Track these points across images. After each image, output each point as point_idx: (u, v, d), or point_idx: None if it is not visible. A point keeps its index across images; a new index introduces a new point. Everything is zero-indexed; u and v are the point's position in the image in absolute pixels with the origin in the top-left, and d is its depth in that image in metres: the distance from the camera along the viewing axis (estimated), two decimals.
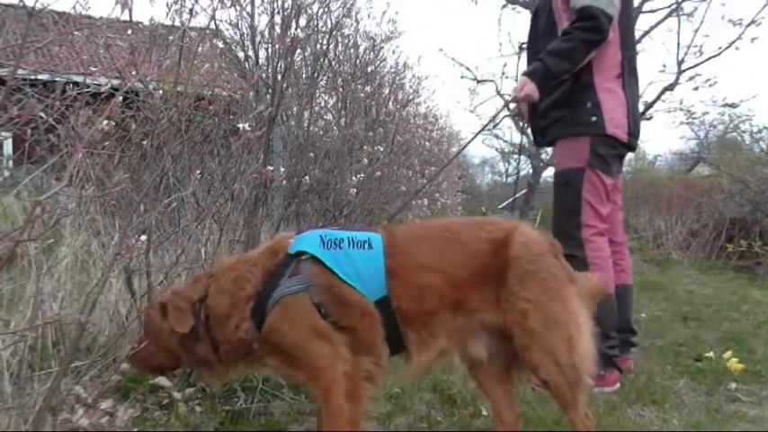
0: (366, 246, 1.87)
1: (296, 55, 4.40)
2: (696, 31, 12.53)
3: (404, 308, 1.85)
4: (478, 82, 16.83)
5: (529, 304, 1.85)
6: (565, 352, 1.84)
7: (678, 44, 12.76)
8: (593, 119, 2.94)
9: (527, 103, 3.05)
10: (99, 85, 2.39)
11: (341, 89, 5.33)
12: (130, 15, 2.02)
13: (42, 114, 1.95)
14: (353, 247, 1.87)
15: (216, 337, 1.88)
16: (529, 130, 3.87)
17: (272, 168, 3.69)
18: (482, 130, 4.31)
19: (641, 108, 10.72)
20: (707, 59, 12.72)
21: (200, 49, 2.98)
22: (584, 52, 2.85)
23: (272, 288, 1.83)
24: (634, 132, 3.04)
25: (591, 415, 1.93)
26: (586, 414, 1.91)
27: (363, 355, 1.83)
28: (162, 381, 2.39)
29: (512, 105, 3.22)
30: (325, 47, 4.85)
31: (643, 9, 13.61)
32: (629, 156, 3.37)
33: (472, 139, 8.23)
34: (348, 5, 5.19)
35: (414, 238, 1.95)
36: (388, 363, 1.90)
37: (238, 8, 4.60)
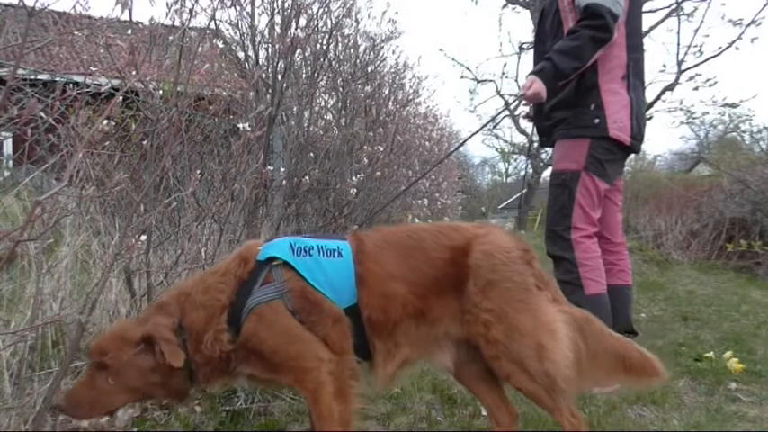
0: (336, 254, 1.86)
1: (296, 55, 4.40)
2: (696, 31, 12.59)
3: (373, 317, 1.83)
4: (478, 82, 16.86)
5: (491, 315, 1.81)
6: (534, 360, 1.80)
7: (678, 44, 12.81)
8: (596, 121, 2.94)
9: (534, 102, 3.05)
10: (99, 85, 2.39)
11: (341, 89, 5.33)
12: (130, 15, 2.02)
13: (42, 114, 1.95)
14: (323, 255, 1.86)
15: (194, 360, 1.79)
16: (528, 130, 3.88)
17: (272, 168, 3.70)
18: (481, 128, 4.34)
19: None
20: (707, 59, 12.77)
21: (200, 49, 2.98)
22: (591, 50, 2.84)
23: (246, 296, 1.80)
24: (637, 135, 3.03)
25: (578, 413, 1.89)
26: (572, 413, 1.86)
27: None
28: None
29: (523, 107, 3.22)
30: (325, 47, 4.84)
31: (643, 9, 13.64)
32: (630, 156, 3.37)
33: (470, 137, 8.22)
34: (348, 5, 5.18)
35: (381, 246, 1.92)
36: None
37: (238, 8, 4.59)
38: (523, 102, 3.15)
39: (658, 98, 13.96)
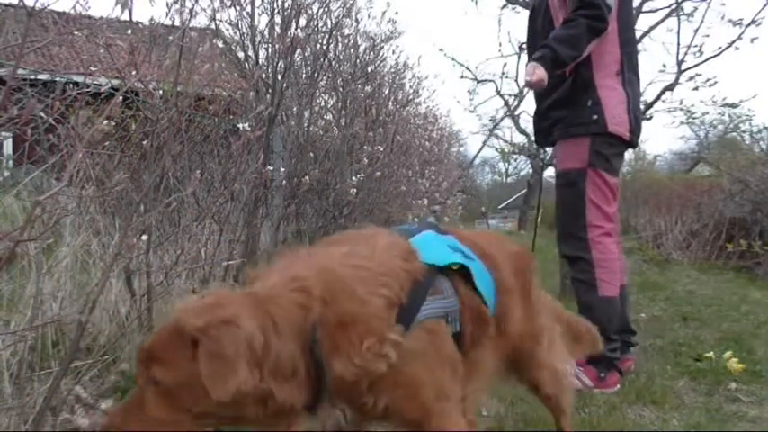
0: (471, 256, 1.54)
1: (296, 55, 4.41)
2: (696, 31, 12.51)
3: (511, 330, 1.61)
4: (478, 82, 16.84)
5: (536, 315, 1.79)
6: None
7: (678, 44, 12.75)
8: (594, 117, 2.93)
9: (537, 89, 3.02)
10: (99, 85, 2.39)
11: (341, 89, 5.34)
12: (130, 15, 2.02)
13: (42, 114, 1.95)
14: (466, 256, 1.50)
15: (331, 367, 1.21)
16: (528, 130, 3.87)
17: (272, 168, 3.70)
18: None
19: (641, 108, 10.73)
20: (707, 59, 12.69)
21: (200, 49, 2.98)
22: (587, 39, 2.83)
23: (419, 303, 1.33)
24: (635, 130, 3.02)
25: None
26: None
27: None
28: None
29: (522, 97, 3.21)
30: (325, 47, 4.85)
31: (643, 9, 13.64)
32: (629, 155, 3.37)
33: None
34: (348, 5, 5.18)
35: (490, 245, 1.69)
36: None
37: (238, 8, 4.59)
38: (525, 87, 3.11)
39: (658, 98, 13.89)
